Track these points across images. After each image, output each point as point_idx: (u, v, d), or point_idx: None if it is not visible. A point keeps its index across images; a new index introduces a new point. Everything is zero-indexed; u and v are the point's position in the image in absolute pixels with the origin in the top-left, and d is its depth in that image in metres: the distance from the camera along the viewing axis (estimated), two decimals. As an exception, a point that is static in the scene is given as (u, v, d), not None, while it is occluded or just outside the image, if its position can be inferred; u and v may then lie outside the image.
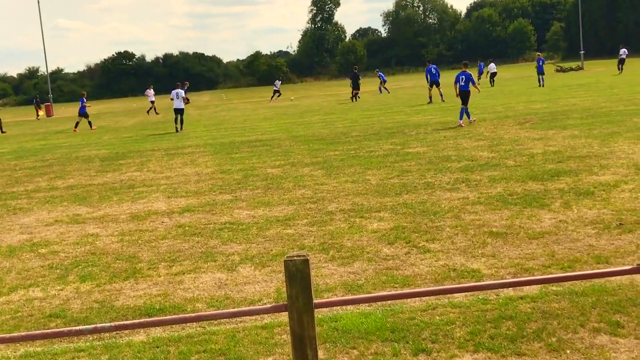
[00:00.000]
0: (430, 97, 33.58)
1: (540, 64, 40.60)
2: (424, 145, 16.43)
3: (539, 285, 5.81)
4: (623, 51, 50.48)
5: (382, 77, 49.33)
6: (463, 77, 21.39)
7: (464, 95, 21.14)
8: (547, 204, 9.10)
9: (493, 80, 44.79)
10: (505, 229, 8.04)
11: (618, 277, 5.84)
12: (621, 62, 49.06)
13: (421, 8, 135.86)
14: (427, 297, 5.81)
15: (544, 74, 40.27)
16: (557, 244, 7.30)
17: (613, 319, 5.18)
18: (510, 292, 5.85)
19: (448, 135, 18.08)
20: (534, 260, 6.80)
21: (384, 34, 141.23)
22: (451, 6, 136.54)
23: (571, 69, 63.13)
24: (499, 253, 7.15)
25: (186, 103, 29.37)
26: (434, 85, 34.04)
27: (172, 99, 29.35)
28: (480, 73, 48.17)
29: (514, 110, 24.28)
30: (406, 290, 6.06)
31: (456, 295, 5.82)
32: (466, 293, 5.77)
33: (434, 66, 35.48)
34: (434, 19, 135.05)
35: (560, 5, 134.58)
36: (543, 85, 38.64)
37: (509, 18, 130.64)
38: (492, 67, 46.10)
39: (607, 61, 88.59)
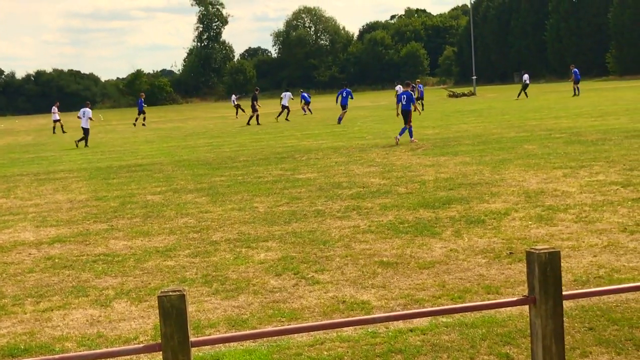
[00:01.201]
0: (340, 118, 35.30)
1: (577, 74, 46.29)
2: (315, 171, 16.58)
3: (429, 317, 5.93)
4: (526, 77, 53.01)
5: (306, 97, 49.82)
6: (405, 96, 22.76)
7: (405, 114, 22.41)
8: (438, 233, 9.35)
9: (526, 93, 48.13)
10: (396, 259, 8.19)
11: (508, 308, 6.04)
12: (525, 87, 51.39)
13: (312, 29, 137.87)
14: (315, 332, 5.83)
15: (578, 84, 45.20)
16: (448, 273, 7.50)
17: (503, 350, 5.35)
18: (400, 324, 5.95)
19: (339, 161, 18.33)
20: (424, 291, 6.95)
21: (274, 55, 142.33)
22: (343, 27, 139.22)
23: (463, 94, 65.52)
24: (390, 284, 7.27)
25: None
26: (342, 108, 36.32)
27: (79, 117, 31.54)
28: (421, 95, 48.41)
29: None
30: (293, 325, 6.05)
31: (345, 328, 5.86)
32: (355, 327, 5.82)
33: (347, 90, 37.78)
34: (326, 40, 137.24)
35: (452, 29, 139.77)
36: (578, 94, 44.26)
37: (401, 41, 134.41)
38: (526, 77, 49.90)
39: (499, 87, 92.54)
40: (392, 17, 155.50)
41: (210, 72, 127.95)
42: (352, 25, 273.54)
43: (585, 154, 16.33)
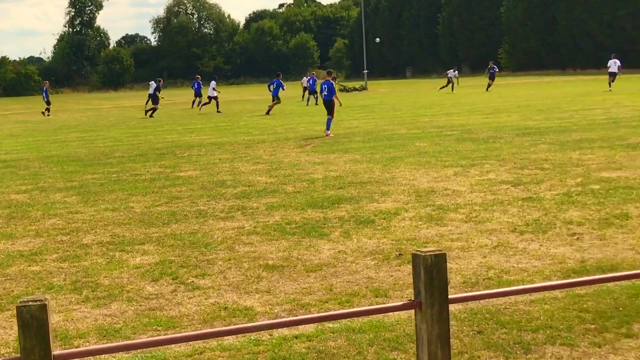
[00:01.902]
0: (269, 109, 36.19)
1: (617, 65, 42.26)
2: (197, 169, 16.43)
3: (315, 323, 5.98)
4: (452, 72, 54.39)
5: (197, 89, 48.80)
6: (325, 86, 23.31)
7: (328, 105, 22.98)
8: (327, 234, 9.44)
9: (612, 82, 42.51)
10: (282, 262, 8.21)
11: (397, 312, 6.17)
12: (449, 81, 52.63)
13: (195, 16, 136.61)
14: (194, 341, 5.77)
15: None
16: (336, 276, 7.58)
17: (390, 356, 5.45)
18: (284, 331, 5.97)
19: (224, 158, 18.23)
20: (310, 295, 7.00)
21: (154, 43, 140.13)
22: (229, 16, 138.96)
23: (355, 89, 66.33)
24: (275, 288, 7.28)
25: None
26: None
27: None
28: (312, 88, 46.92)
29: (294, 132, 25.03)
30: (170, 335, 5.98)
31: (226, 337, 5.83)
32: (236, 335, 5.80)
33: (277, 80, 37.50)
34: (210, 29, 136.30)
35: (343, 20, 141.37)
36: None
37: (290, 32, 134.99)
38: (615, 62, 43.31)
39: (391, 81, 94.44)
40: (281, 5, 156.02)
41: (83, 60, 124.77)
42: (238, 14, 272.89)
43: (477, 152, 16.86)
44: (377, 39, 75.08)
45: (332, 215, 10.59)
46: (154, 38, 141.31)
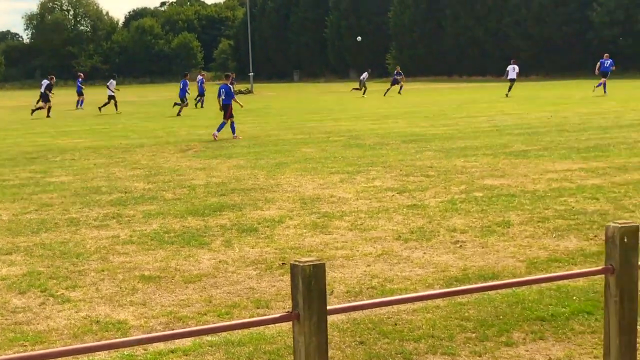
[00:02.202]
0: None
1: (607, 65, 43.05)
2: (70, 174, 15.99)
3: (192, 337, 5.91)
4: (364, 75, 55.12)
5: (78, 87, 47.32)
6: (223, 90, 23.80)
7: (225, 108, 23.47)
8: (207, 243, 9.35)
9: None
10: (159, 272, 8.08)
11: (278, 323, 6.16)
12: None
13: (71, 13, 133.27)
14: (64, 357, 5.59)
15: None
16: (216, 287, 7.52)
17: (270, 369, 5.44)
18: (160, 345, 5.87)
19: (99, 163, 17.82)
20: (189, 308, 6.91)
21: (26, 40, 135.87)
22: (107, 13, 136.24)
23: (240, 92, 66.15)
24: (151, 300, 7.16)
25: None
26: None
27: None
28: (201, 91, 45.85)
29: (176, 136, 24.75)
30: (37, 351, 5.77)
31: (97, 352, 5.68)
32: (108, 350, 5.66)
33: (184, 81, 38.31)
34: (87, 27, 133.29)
35: (229, 21, 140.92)
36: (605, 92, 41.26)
37: (173, 31, 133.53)
38: (514, 67, 46.39)
39: (278, 84, 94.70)
40: (162, 4, 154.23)
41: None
42: (117, 11, 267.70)
43: (363, 158, 17.10)
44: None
45: (214, 223, 10.51)
46: (27, 35, 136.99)
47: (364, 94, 52.54)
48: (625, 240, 3.88)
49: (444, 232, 9.55)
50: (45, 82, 40.47)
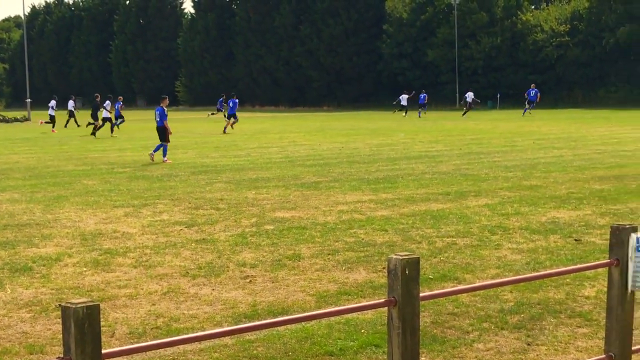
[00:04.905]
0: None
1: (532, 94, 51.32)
2: None
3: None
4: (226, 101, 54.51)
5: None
6: (158, 112, 24.71)
7: (159, 131, 24.45)
8: (-25, 285, 8.86)
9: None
10: None
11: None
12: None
13: None
14: None
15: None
16: (-17, 333, 7.13)
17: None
18: None
19: None
20: (-48, 357, 6.51)
21: None
22: None
23: (16, 120, 63.72)
24: None
25: None
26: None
27: None
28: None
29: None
30: None
31: None
32: None
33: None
34: None
35: (3, 43, 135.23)
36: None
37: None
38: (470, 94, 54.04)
39: (58, 112, 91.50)
40: None
41: None
42: None
43: (150, 190, 16.88)
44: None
45: (-18, 263, 9.97)
46: None
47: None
48: (407, 272, 4.07)
49: (234, 267, 9.59)
50: None
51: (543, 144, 28.00)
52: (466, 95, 60.45)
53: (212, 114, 57.66)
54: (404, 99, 58.93)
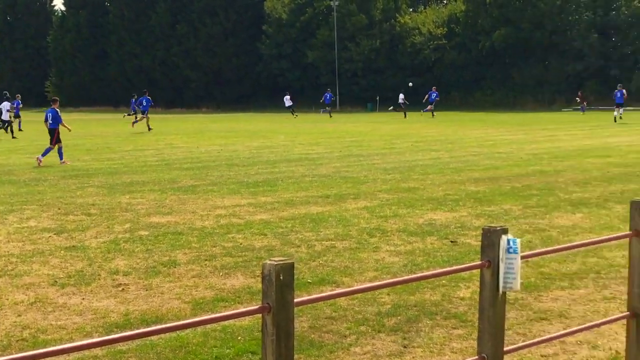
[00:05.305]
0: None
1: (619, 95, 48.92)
2: None
3: None
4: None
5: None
6: (50, 114, 24.70)
7: (51, 133, 24.28)
8: None
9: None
10: None
11: None
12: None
13: None
14: None
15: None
16: None
17: None
18: None
19: None
20: None
21: None
22: None
23: None
24: None
25: None
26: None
27: None
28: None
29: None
30: None
31: None
32: None
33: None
34: None
35: None
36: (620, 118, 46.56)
37: None
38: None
39: None
40: None
41: None
42: None
43: (17, 196, 16.35)
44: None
45: None
46: None
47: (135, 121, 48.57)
48: (281, 277, 4.08)
49: (105, 275, 9.39)
50: None
51: (421, 146, 28.61)
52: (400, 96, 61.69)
53: (128, 115, 56.59)
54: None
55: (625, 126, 41.77)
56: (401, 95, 61.36)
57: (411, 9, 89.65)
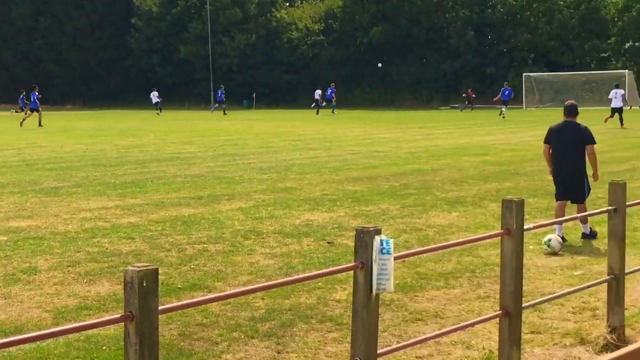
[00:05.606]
0: None
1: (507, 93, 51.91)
2: None
3: None
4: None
5: None
6: None
7: None
8: None
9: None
10: None
11: None
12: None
13: None
14: None
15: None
16: None
17: None
18: None
19: None
20: None
21: None
22: None
23: None
24: None
25: None
26: None
27: None
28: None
29: None
30: None
31: None
32: None
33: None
34: None
35: None
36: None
37: None
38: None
39: None
40: None
41: None
42: None
43: None
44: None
45: None
46: None
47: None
48: (145, 284, 4.01)
49: (-41, 284, 9.04)
50: None
51: (298, 145, 28.75)
52: (315, 92, 61.48)
53: (16, 111, 54.65)
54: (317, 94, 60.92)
55: (501, 124, 43.12)
56: (318, 92, 61.95)
57: (287, 4, 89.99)
